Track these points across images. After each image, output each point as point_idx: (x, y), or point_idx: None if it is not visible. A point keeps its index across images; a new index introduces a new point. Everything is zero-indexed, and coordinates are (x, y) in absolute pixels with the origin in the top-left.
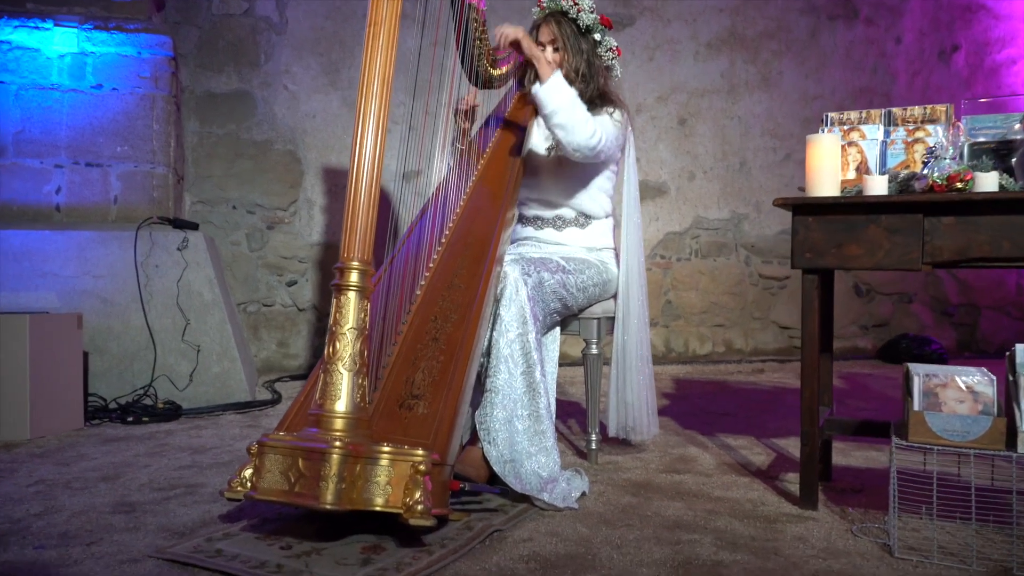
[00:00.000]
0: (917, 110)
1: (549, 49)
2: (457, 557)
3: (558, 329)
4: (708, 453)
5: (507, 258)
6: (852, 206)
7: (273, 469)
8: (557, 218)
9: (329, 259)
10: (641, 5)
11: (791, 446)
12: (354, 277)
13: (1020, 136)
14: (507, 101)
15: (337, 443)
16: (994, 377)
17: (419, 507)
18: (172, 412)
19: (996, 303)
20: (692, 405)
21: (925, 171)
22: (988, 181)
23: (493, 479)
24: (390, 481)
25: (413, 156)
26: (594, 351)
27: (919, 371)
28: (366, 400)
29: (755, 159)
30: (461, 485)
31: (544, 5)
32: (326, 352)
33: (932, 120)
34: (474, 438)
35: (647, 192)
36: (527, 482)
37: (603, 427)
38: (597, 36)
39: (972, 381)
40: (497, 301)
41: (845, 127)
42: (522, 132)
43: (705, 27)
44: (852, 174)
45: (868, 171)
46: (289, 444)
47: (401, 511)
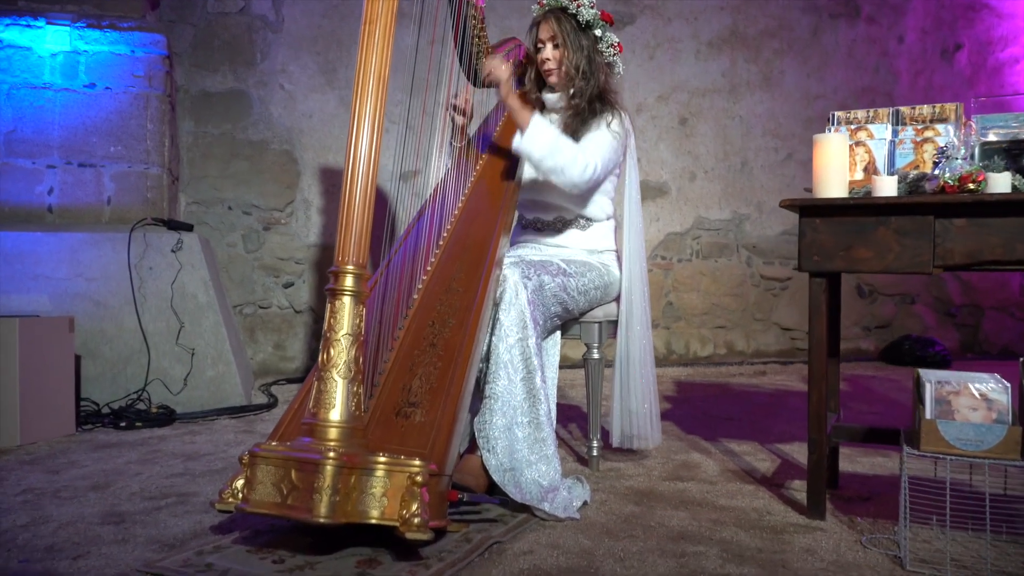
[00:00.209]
0: (926, 109)
1: (549, 46)
2: (455, 571)
3: (559, 333)
4: (711, 459)
5: (507, 260)
6: (861, 208)
7: (265, 480)
8: (558, 220)
9: (326, 260)
10: (642, 3)
11: (796, 451)
12: (349, 281)
13: None
14: None
15: (331, 454)
16: (1008, 384)
17: (416, 520)
18: (166, 417)
19: (999, 304)
20: (694, 408)
21: (936, 171)
22: (1001, 182)
23: (492, 487)
24: (386, 492)
25: (411, 156)
26: (595, 356)
27: (931, 377)
28: (361, 408)
29: (756, 159)
30: (459, 496)
31: (544, 2)
32: (320, 359)
33: (942, 119)
34: (473, 446)
35: (648, 192)
36: (527, 491)
37: (605, 433)
38: (598, 32)
39: (986, 388)
40: (496, 305)
41: (852, 126)
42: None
43: (706, 25)
44: (860, 174)
45: (876, 171)
46: (281, 455)
47: (397, 524)
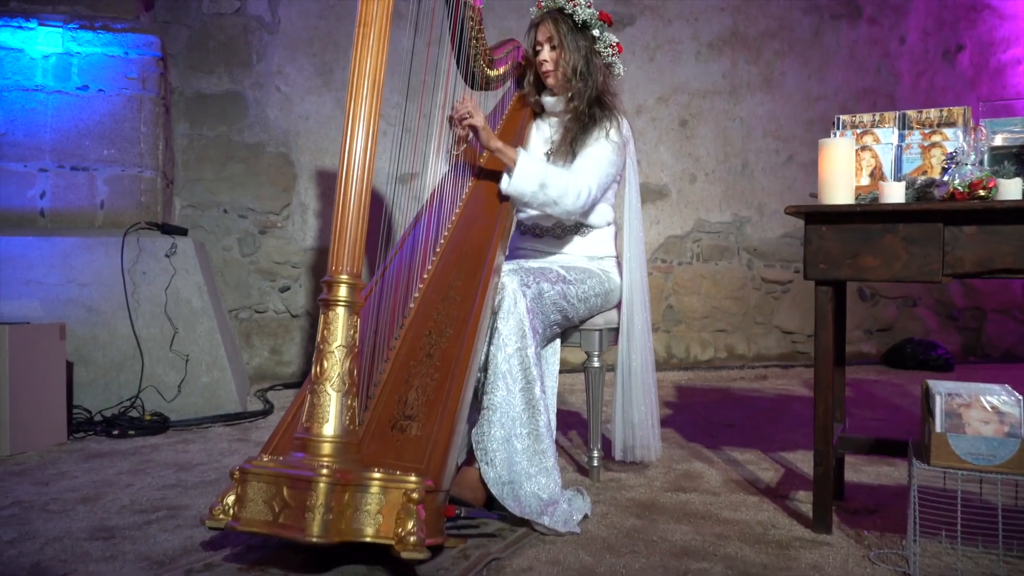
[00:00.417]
0: (933, 113)
1: (546, 48)
2: None
3: (558, 341)
4: (714, 468)
5: (505, 267)
6: (868, 214)
7: (256, 498)
8: (557, 226)
9: (323, 264)
10: (641, 4)
11: (799, 460)
12: (343, 292)
13: None
14: (505, 103)
15: (324, 470)
16: (1020, 396)
17: (412, 538)
18: (159, 425)
19: (1002, 307)
20: (695, 415)
21: (946, 177)
22: (1012, 188)
23: (490, 501)
24: (381, 510)
25: (407, 159)
26: (596, 364)
27: (940, 389)
28: (356, 422)
29: (757, 161)
30: (457, 511)
31: (542, 4)
32: (313, 372)
33: (949, 123)
34: (470, 458)
35: (648, 195)
36: (526, 505)
37: (605, 442)
38: (595, 32)
39: (997, 401)
40: (495, 314)
41: (858, 130)
42: (520, 136)
43: (706, 26)
44: (866, 180)
45: (883, 177)
46: (273, 471)
47: (393, 542)
